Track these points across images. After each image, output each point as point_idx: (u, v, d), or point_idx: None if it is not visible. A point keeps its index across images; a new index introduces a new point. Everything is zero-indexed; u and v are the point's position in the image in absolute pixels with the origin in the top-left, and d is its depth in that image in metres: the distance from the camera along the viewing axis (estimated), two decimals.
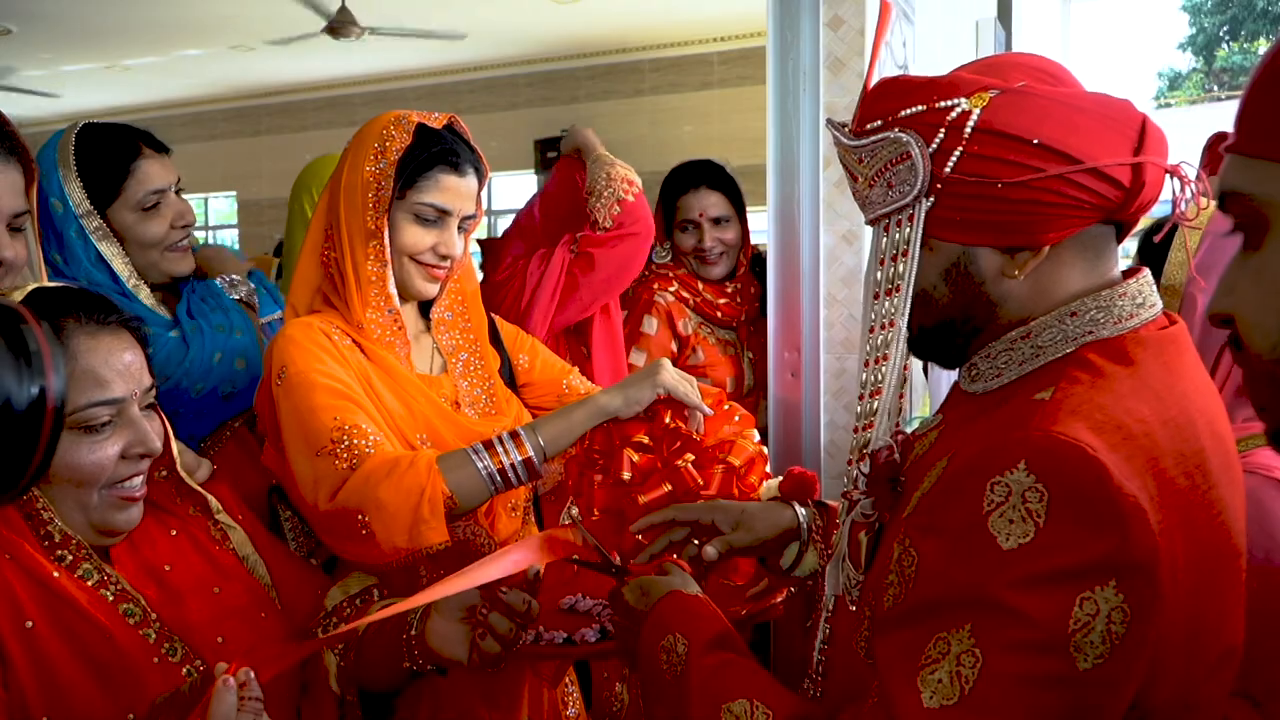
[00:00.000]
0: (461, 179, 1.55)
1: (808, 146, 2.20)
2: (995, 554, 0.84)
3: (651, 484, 1.45)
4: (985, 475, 0.86)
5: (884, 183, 1.00)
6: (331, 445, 1.40)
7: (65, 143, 1.75)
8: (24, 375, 0.46)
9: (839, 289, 2.20)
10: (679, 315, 2.50)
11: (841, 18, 2.18)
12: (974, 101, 0.94)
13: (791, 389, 2.22)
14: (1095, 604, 0.82)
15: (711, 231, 2.51)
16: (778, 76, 2.22)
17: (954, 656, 0.86)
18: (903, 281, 0.99)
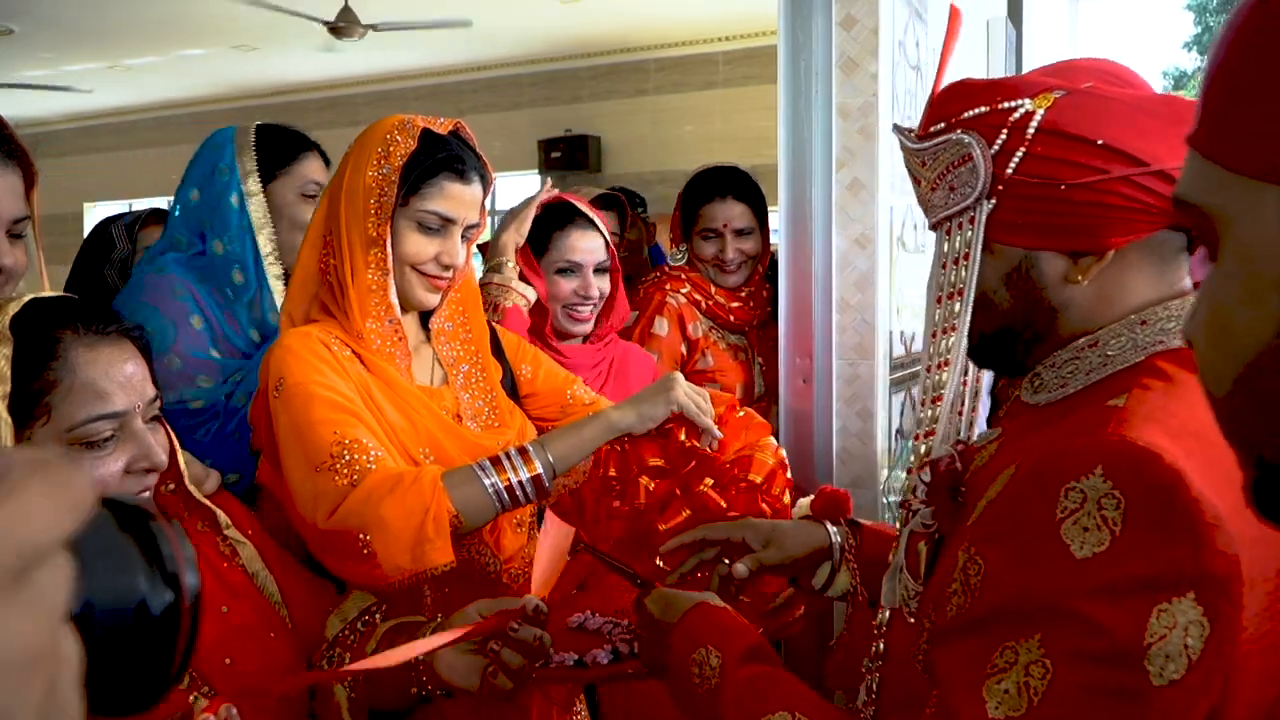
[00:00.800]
0: (466, 187, 1.51)
1: (820, 148, 2.16)
2: (1068, 562, 0.81)
3: (672, 510, 1.41)
4: (1059, 481, 0.83)
5: (946, 185, 0.98)
6: (331, 460, 1.35)
7: (247, 125, 1.93)
8: (157, 577, 0.45)
9: (852, 293, 2.15)
10: (690, 318, 2.46)
11: (854, 17, 2.14)
12: (1038, 102, 0.93)
13: (803, 395, 2.18)
14: (1172, 616, 0.79)
15: (734, 242, 2.47)
16: (789, 76, 2.18)
17: (1022, 667, 0.83)
18: (964, 286, 0.98)
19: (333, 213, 1.49)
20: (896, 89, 2.27)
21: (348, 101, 9.82)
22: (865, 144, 2.14)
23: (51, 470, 0.35)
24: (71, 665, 0.37)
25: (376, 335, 1.49)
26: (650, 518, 1.42)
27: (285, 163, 1.89)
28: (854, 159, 2.15)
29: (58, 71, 9.22)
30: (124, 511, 0.47)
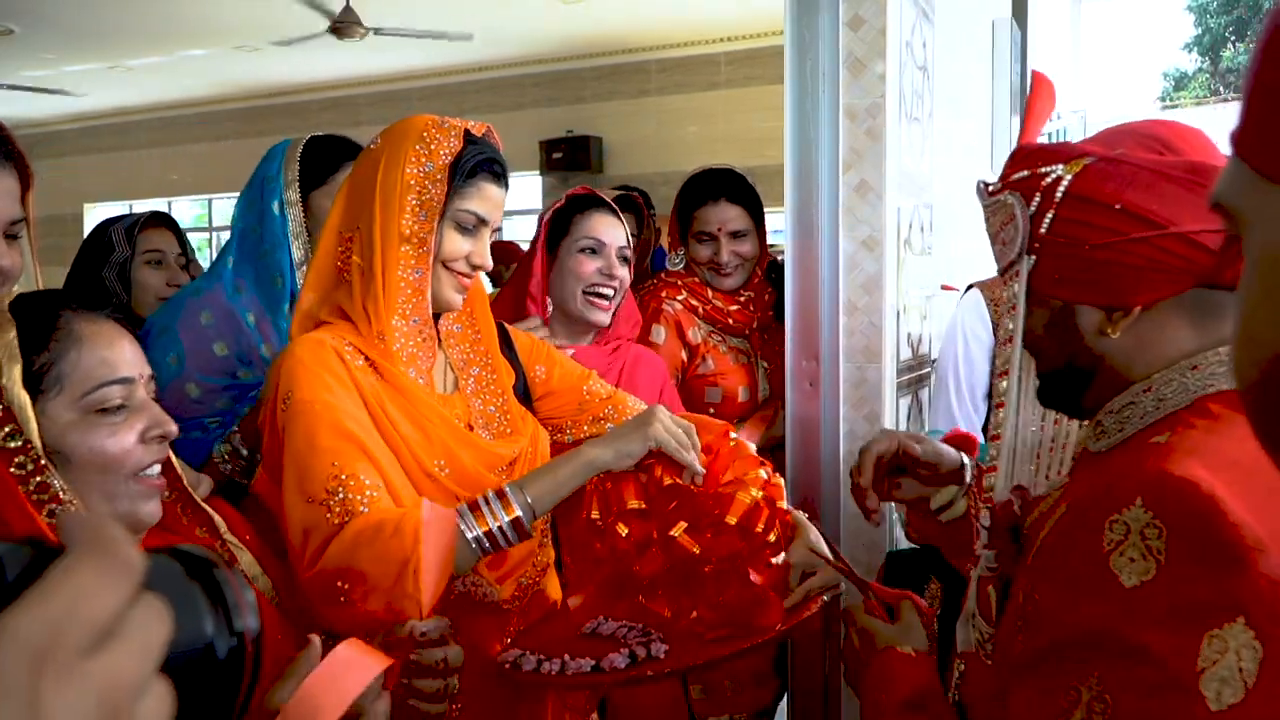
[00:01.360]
0: (500, 189, 1.52)
1: (826, 149, 2.14)
2: (1118, 593, 0.85)
3: (649, 556, 1.39)
4: (1103, 514, 0.88)
5: (1001, 240, 1.09)
6: (326, 496, 1.32)
7: (301, 137, 1.97)
8: (223, 622, 0.49)
9: (859, 296, 2.13)
10: (688, 324, 2.43)
11: (862, 17, 2.12)
12: (1069, 168, 1.02)
13: (809, 399, 2.16)
14: (1224, 641, 0.81)
15: (729, 245, 2.44)
16: (796, 77, 2.16)
17: (1085, 705, 0.86)
18: (1014, 333, 1.08)
19: (359, 209, 1.47)
20: (904, 90, 2.25)
21: (350, 102, 9.81)
22: (872, 145, 2.12)
23: (98, 543, 0.37)
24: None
25: (401, 335, 1.46)
26: (630, 562, 1.40)
27: (328, 172, 1.92)
28: (861, 160, 2.13)
29: (58, 72, 9.21)
30: (190, 561, 0.50)
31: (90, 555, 0.37)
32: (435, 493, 1.43)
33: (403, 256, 1.44)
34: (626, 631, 1.41)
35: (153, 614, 0.39)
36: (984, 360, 2.55)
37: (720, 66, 8.18)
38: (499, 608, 1.50)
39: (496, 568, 1.50)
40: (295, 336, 1.48)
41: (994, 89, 3.65)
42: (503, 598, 1.49)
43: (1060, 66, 6.21)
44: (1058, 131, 5.47)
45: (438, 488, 1.43)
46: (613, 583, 1.44)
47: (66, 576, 0.36)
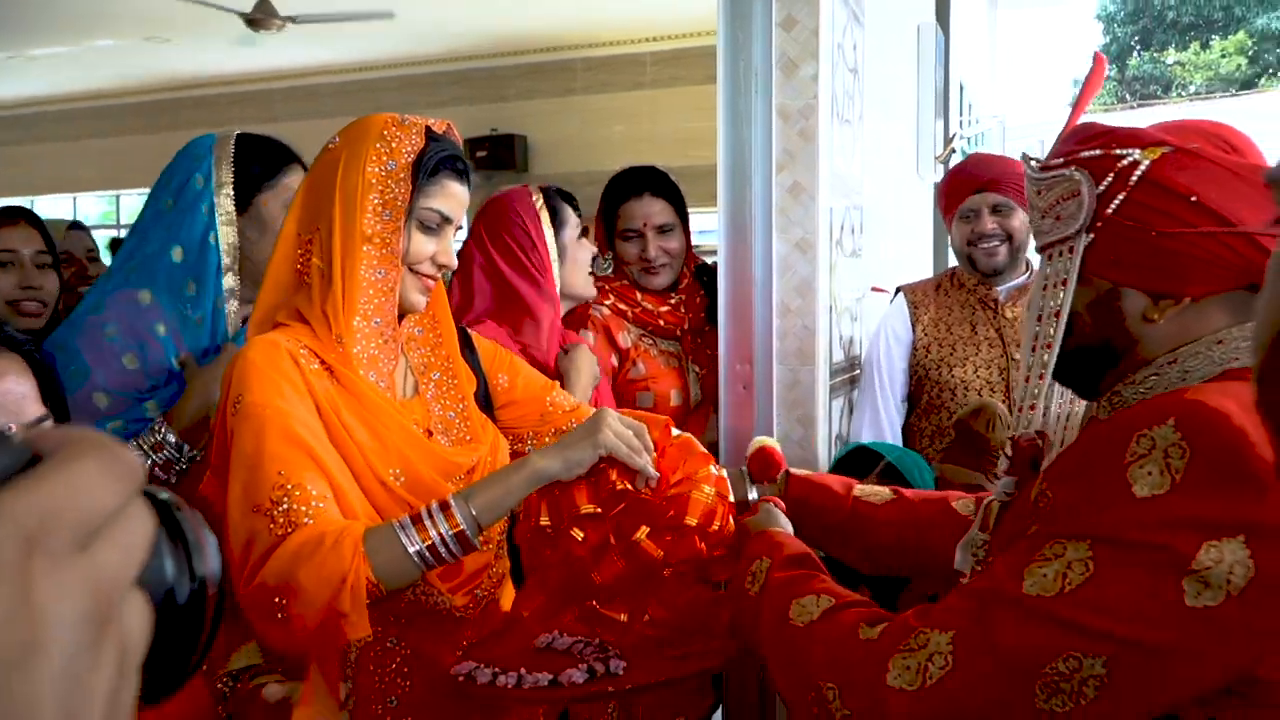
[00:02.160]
0: (463, 187, 1.50)
1: (760, 149, 2.11)
2: (1127, 500, 0.89)
3: (607, 562, 1.35)
4: (1132, 428, 0.92)
5: (1054, 214, 1.10)
6: (270, 505, 1.27)
7: (229, 133, 1.87)
8: (183, 564, 0.45)
9: (793, 298, 2.12)
10: (617, 328, 2.39)
11: (795, 18, 2.10)
12: (1146, 153, 1.03)
13: (743, 402, 2.13)
14: (1220, 552, 0.85)
15: (655, 240, 2.40)
16: (729, 77, 2.13)
17: (1066, 561, 0.91)
18: (1060, 307, 1.09)
19: (319, 210, 1.43)
20: (836, 91, 2.24)
21: (264, 96, 9.59)
22: (805, 146, 2.11)
23: (102, 443, 0.37)
24: (137, 644, 0.37)
25: (363, 336, 1.43)
26: (585, 568, 1.37)
27: (272, 174, 1.84)
28: (794, 162, 2.11)
29: None
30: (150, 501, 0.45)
31: (93, 452, 0.36)
32: (389, 502, 1.38)
33: (365, 256, 1.41)
34: (583, 647, 1.37)
35: (141, 517, 0.38)
36: (902, 359, 2.58)
37: (646, 66, 8.16)
38: (452, 617, 1.46)
39: (450, 579, 1.46)
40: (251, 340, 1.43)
41: (919, 92, 3.69)
42: (455, 605, 1.45)
43: (979, 72, 6.31)
44: (977, 136, 5.55)
45: (392, 497, 1.39)
46: (566, 588, 1.40)
47: (67, 467, 0.35)
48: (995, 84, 7.59)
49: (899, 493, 1.51)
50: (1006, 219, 2.53)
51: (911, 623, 1.00)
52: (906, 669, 0.97)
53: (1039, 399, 1.14)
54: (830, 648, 1.05)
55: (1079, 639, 0.89)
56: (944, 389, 2.53)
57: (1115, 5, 24.43)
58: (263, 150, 1.87)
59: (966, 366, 2.52)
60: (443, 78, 8.83)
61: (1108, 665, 0.88)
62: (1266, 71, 21.87)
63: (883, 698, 0.97)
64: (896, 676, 0.97)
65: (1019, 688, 0.91)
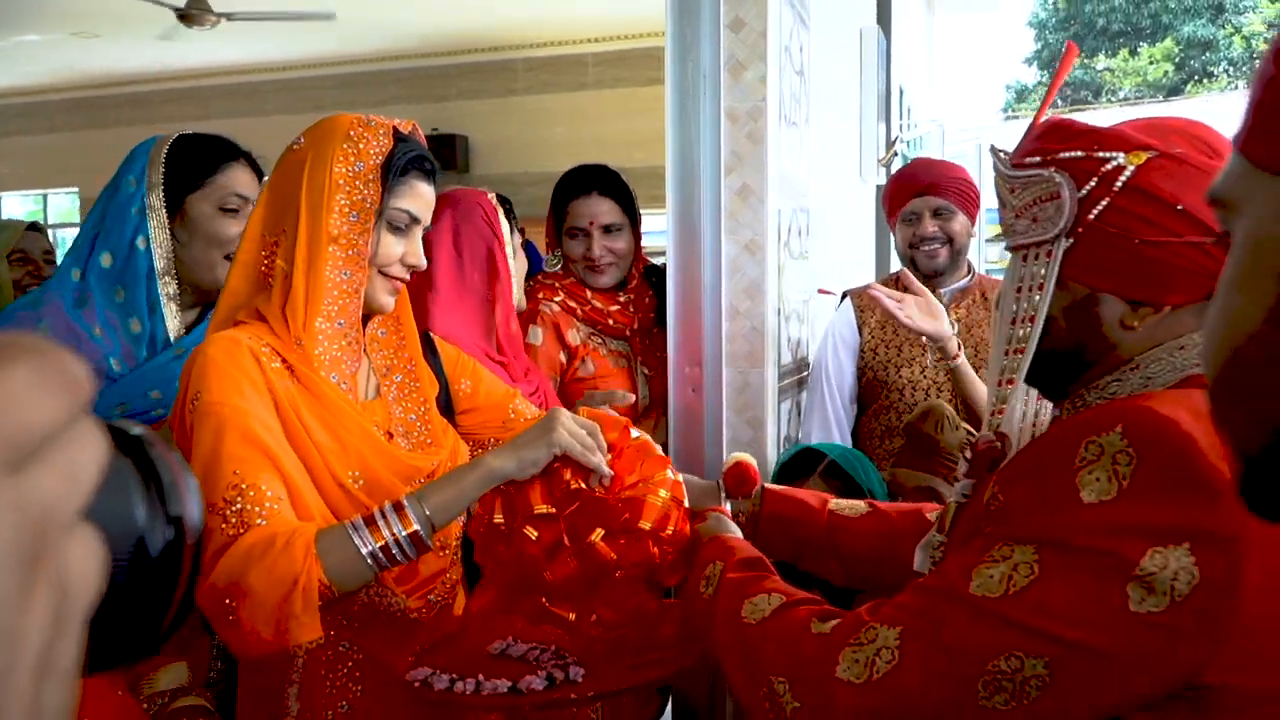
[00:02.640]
0: (430, 187, 1.49)
1: (708, 151, 2.11)
2: (1074, 506, 0.90)
3: (560, 561, 1.34)
4: (1082, 435, 0.92)
5: (1030, 216, 1.07)
6: (223, 504, 1.26)
7: (166, 137, 1.83)
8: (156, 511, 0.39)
9: (741, 300, 2.11)
10: (566, 325, 2.38)
11: (742, 19, 2.11)
12: (1131, 158, 1.01)
13: (693, 404, 2.13)
14: (1165, 559, 0.86)
15: (601, 240, 2.39)
16: (677, 78, 2.12)
17: (1012, 563, 0.92)
18: (1035, 312, 1.07)
19: (284, 212, 1.42)
20: (783, 94, 2.24)
21: (199, 94, 9.40)
22: (754, 148, 2.11)
23: (40, 352, 0.31)
24: (82, 590, 0.32)
25: (325, 338, 1.41)
26: (538, 567, 1.36)
27: (205, 174, 1.79)
28: (742, 164, 2.11)
29: None
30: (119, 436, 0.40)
31: (26, 358, 0.30)
32: (346, 504, 1.37)
33: (330, 257, 1.40)
34: (539, 653, 1.36)
35: (90, 440, 0.32)
36: (850, 362, 2.60)
37: (588, 67, 8.14)
38: (405, 620, 1.44)
39: (405, 582, 1.44)
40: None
41: (862, 95, 3.71)
42: (409, 606, 1.44)
43: (918, 76, 6.39)
44: (917, 140, 5.61)
45: (349, 499, 1.37)
46: (517, 585, 1.39)
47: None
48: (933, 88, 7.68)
49: (874, 505, 1.51)
50: (947, 222, 2.56)
51: (864, 618, 1.01)
52: (855, 662, 0.98)
53: (1008, 403, 1.12)
54: (782, 643, 1.05)
55: (1021, 639, 0.89)
56: (892, 390, 2.55)
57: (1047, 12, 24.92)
58: (198, 149, 1.83)
59: (914, 367, 2.54)
60: (383, 76, 8.72)
61: (1050, 666, 0.89)
62: (1193, 78, 22.44)
63: (831, 690, 0.98)
64: (845, 670, 0.98)
65: (962, 684, 0.91)
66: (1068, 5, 24.56)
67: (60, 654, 0.31)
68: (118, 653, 0.40)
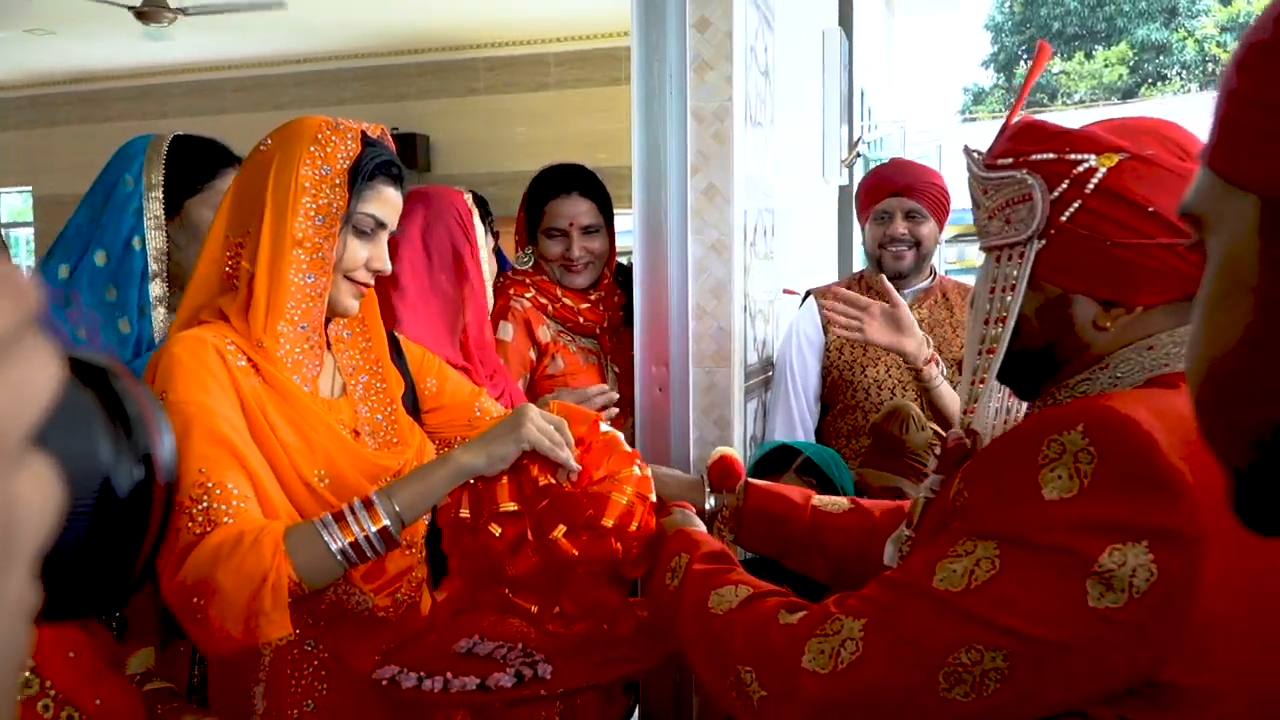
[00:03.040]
0: (397, 192, 1.49)
1: (674, 151, 2.11)
2: (1036, 503, 0.91)
3: (523, 555, 1.35)
4: (1044, 433, 0.93)
5: (1003, 217, 1.08)
6: (190, 503, 1.26)
7: (162, 137, 1.83)
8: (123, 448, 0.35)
9: (708, 300, 2.12)
10: (537, 322, 2.38)
11: (708, 19, 2.11)
12: (1102, 160, 1.01)
13: (659, 404, 2.13)
14: (1124, 555, 0.87)
15: (580, 240, 2.39)
16: (643, 78, 2.12)
17: (975, 558, 0.93)
18: (1008, 313, 1.08)
19: (249, 214, 1.42)
20: (749, 94, 2.25)
21: (156, 92, 9.26)
22: (719, 148, 2.11)
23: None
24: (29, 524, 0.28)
25: (288, 340, 1.41)
26: (501, 561, 1.37)
27: (204, 179, 1.82)
28: (708, 164, 2.11)
29: None
30: (81, 368, 0.36)
31: None
32: (312, 503, 1.37)
33: (294, 260, 1.39)
34: (506, 651, 1.37)
35: (39, 357, 0.29)
36: (815, 362, 2.61)
37: (550, 67, 8.12)
38: (372, 619, 1.44)
39: (372, 580, 1.44)
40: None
41: (825, 96, 3.73)
42: (376, 605, 1.44)
43: (879, 78, 6.44)
44: (879, 140, 5.65)
45: (315, 498, 1.38)
46: (482, 576, 1.40)
47: None
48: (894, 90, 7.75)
49: (857, 503, 1.52)
50: (917, 226, 2.58)
51: (830, 609, 1.02)
52: (821, 653, 0.99)
53: (979, 401, 1.13)
54: (750, 632, 1.07)
55: (982, 632, 0.91)
56: (858, 389, 2.57)
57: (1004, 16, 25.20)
58: (197, 152, 1.84)
59: (879, 366, 2.56)
60: (343, 75, 8.65)
61: (1009, 660, 0.90)
62: (1146, 81, 22.79)
63: (797, 679, 0.99)
64: (811, 659, 0.99)
65: (924, 675, 0.93)
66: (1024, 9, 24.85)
67: (5, 594, 0.28)
68: (83, 602, 0.37)
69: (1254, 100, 0.53)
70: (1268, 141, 0.52)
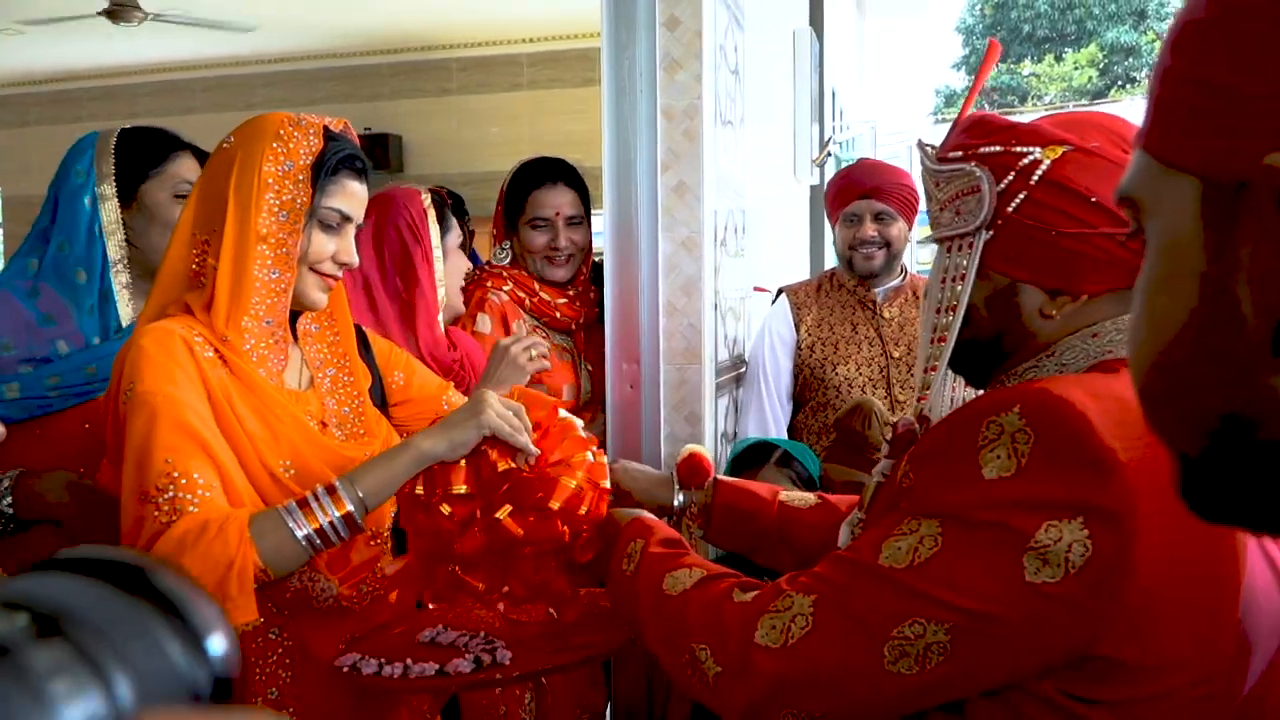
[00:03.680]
0: (362, 185, 1.50)
1: (645, 149, 2.12)
2: (976, 482, 0.93)
3: (470, 535, 1.37)
4: (983, 415, 0.95)
5: (953, 209, 1.11)
6: (156, 493, 1.27)
7: (111, 129, 1.87)
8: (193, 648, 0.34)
9: (679, 297, 2.13)
10: (513, 316, 2.38)
11: (678, 18, 2.12)
12: (1047, 152, 1.04)
13: (630, 401, 2.14)
14: (1060, 532, 0.90)
15: (565, 231, 2.39)
16: (613, 76, 2.13)
17: (919, 536, 0.96)
18: (958, 301, 1.10)
19: (213, 211, 1.43)
20: (719, 92, 2.26)
21: (126, 91, 9.18)
22: (690, 146, 2.13)
23: None
24: None
25: (253, 335, 1.42)
26: (450, 540, 1.38)
27: (156, 163, 1.85)
28: (679, 161, 2.13)
29: None
30: (116, 572, 0.35)
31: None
32: (277, 494, 1.38)
33: (259, 256, 1.40)
34: (468, 640, 1.38)
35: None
36: (787, 359, 2.63)
37: (523, 68, 8.11)
38: (337, 609, 1.45)
39: (338, 570, 1.45)
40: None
41: (795, 96, 3.76)
42: (341, 594, 1.45)
43: (850, 79, 6.47)
44: (850, 141, 5.68)
45: (280, 489, 1.39)
46: (433, 553, 1.42)
47: None
48: (864, 91, 7.79)
49: (824, 498, 1.54)
50: (886, 227, 2.61)
51: (782, 586, 1.05)
52: (772, 628, 1.02)
53: (931, 389, 1.16)
54: (704, 610, 1.09)
55: (924, 607, 0.94)
56: (829, 387, 2.59)
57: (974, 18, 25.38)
58: (146, 140, 1.87)
59: (849, 365, 2.58)
60: (315, 75, 8.60)
61: (950, 634, 0.93)
62: (1116, 83, 23.01)
63: (750, 655, 1.02)
64: (764, 635, 1.02)
65: (870, 650, 0.96)
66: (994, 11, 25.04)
67: None
68: None
69: (1188, 78, 0.52)
70: (1203, 119, 0.51)
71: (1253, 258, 0.48)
